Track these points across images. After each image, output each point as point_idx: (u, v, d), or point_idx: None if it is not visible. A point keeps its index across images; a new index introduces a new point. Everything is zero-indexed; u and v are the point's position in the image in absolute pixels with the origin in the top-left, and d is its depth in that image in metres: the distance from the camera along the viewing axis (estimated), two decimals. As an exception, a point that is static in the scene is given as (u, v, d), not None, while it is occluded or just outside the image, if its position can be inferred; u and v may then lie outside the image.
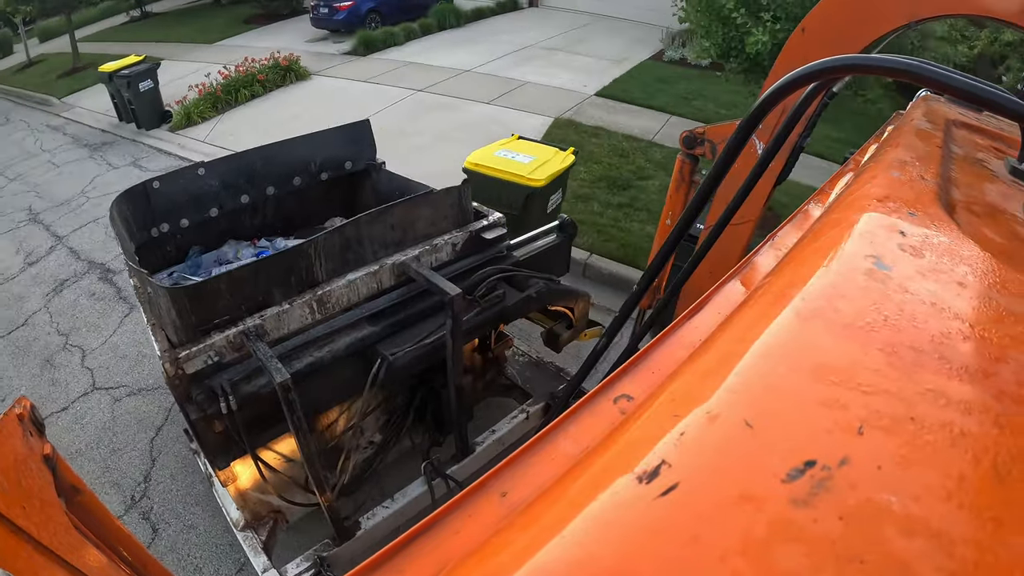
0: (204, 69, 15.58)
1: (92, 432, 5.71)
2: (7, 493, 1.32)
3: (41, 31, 26.44)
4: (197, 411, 2.85)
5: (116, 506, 4.87)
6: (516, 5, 21.39)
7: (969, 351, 0.64)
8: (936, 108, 1.59)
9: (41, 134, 14.79)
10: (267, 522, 3.55)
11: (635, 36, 16.91)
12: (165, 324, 3.05)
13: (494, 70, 14.54)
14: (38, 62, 22.09)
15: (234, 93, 14.05)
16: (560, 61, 15.04)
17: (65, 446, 5.46)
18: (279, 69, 15.08)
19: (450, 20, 19.23)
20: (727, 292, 1.18)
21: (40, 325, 7.52)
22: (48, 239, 9.53)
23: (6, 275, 8.84)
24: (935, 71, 0.92)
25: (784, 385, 0.62)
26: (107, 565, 1.62)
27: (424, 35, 18.43)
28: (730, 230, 1.93)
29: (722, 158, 1.40)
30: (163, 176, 4.18)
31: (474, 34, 18.43)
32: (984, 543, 0.44)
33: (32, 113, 16.86)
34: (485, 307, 3.59)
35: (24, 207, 10.80)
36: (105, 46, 21.92)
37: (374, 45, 17.33)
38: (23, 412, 1.55)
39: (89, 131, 14.26)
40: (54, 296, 8.02)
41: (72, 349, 6.94)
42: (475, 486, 0.81)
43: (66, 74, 19.23)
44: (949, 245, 0.84)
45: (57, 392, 6.32)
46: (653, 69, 14.32)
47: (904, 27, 3.14)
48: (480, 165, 6.27)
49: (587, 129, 10.70)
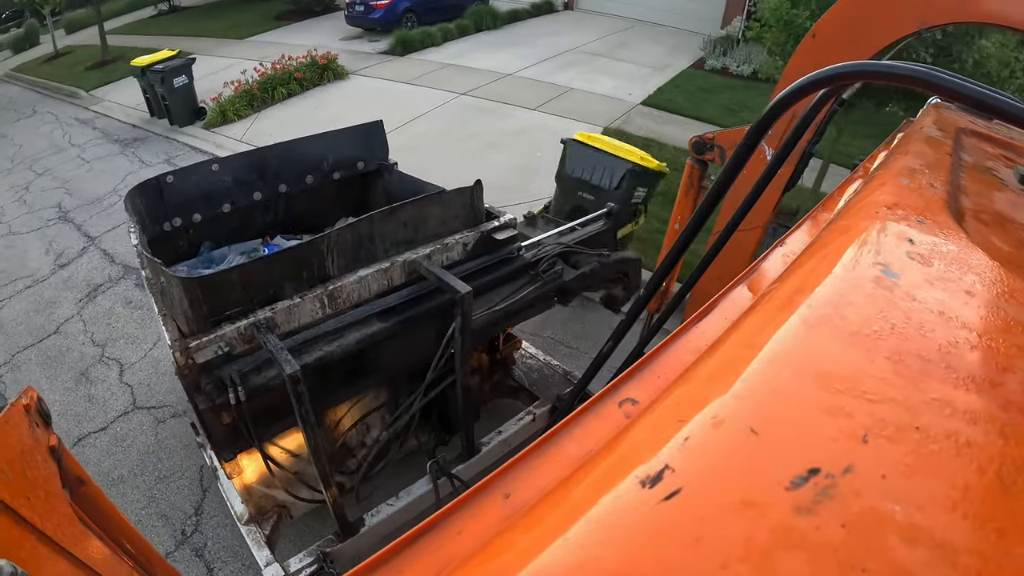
0: (236, 65, 15.36)
1: (135, 457, 5.30)
2: (12, 484, 1.33)
3: (67, 22, 26.52)
4: (206, 401, 2.86)
5: (165, 541, 4.54)
6: (551, 7, 21.16)
7: (976, 361, 0.64)
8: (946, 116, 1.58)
9: (70, 127, 14.48)
10: (271, 516, 3.56)
11: (674, 43, 16.71)
12: (177, 314, 3.07)
13: (537, 75, 14.32)
14: (65, 54, 21.98)
15: (271, 91, 13.77)
16: (602, 67, 14.76)
17: (105, 471, 5.16)
18: (316, 67, 14.77)
19: (487, 22, 19.02)
20: (734, 297, 1.18)
21: (73, 334, 7.10)
22: (79, 239, 9.14)
23: (36, 277, 8.42)
24: (945, 78, 0.92)
25: (789, 392, 0.61)
26: (110, 557, 1.63)
27: (461, 36, 18.24)
28: (738, 235, 1.92)
29: (731, 163, 1.40)
30: (176, 171, 4.21)
31: (512, 37, 18.22)
32: (987, 553, 0.44)
33: (60, 105, 16.60)
34: (546, 281, 3.78)
35: (54, 204, 10.44)
36: (133, 39, 21.80)
37: (412, 45, 17.11)
38: (29, 403, 1.56)
39: (120, 126, 13.96)
40: (87, 303, 7.61)
41: (109, 362, 6.53)
42: (478, 487, 0.82)
43: (95, 66, 19.06)
44: (958, 254, 0.84)
45: (94, 410, 5.91)
46: (696, 78, 14.11)
47: (914, 34, 3.14)
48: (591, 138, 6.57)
49: (637, 141, 10.10)
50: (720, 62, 14.81)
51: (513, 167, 9.33)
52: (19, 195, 11.11)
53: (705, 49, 15.50)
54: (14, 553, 1.15)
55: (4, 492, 1.28)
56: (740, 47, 15.11)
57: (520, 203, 8.22)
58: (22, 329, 7.32)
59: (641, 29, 18.44)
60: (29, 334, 7.21)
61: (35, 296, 7.94)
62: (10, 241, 9.51)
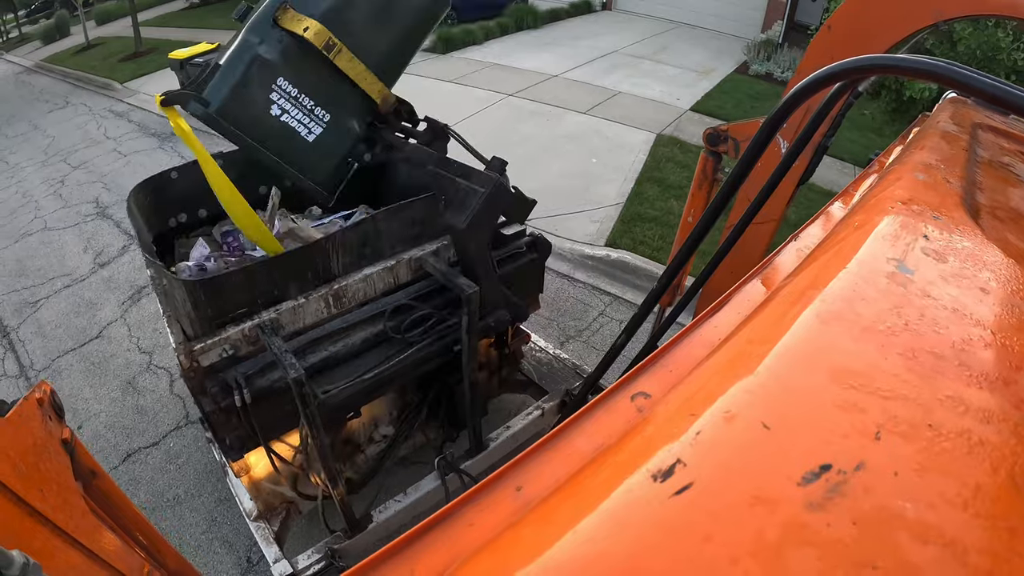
0: None
1: (191, 475, 4.91)
2: (26, 476, 1.34)
3: (98, 13, 26.62)
4: (211, 403, 2.87)
5: (229, 569, 4.23)
6: (590, 7, 20.80)
7: (990, 358, 0.64)
8: (963, 111, 1.57)
9: (104, 119, 14.16)
10: (280, 512, 3.58)
11: (716, 47, 16.40)
12: (181, 316, 3.07)
13: (583, 77, 13.89)
14: (96, 45, 21.91)
15: None
16: (647, 70, 14.36)
17: (160, 491, 4.83)
18: None
19: (528, 21, 18.65)
20: (748, 292, 1.18)
21: (117, 339, 6.69)
22: (119, 237, 8.73)
23: (75, 276, 7.99)
24: (961, 73, 0.91)
25: (802, 387, 0.61)
26: (122, 549, 1.65)
27: (502, 35, 17.87)
28: (752, 229, 1.92)
29: (746, 156, 1.39)
30: (181, 166, 4.21)
31: (553, 36, 17.81)
32: (999, 553, 0.44)
33: (93, 97, 16.34)
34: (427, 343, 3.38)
35: (91, 199, 10.04)
36: (165, 31, 21.65)
37: (453, 43, 16.61)
38: (43, 397, 1.57)
39: (156, 120, 13.47)
40: (131, 305, 7.20)
41: (158, 371, 6.10)
42: (490, 480, 0.82)
43: (127, 58, 18.90)
44: (973, 250, 0.83)
45: (144, 423, 5.50)
46: (741, 84, 13.81)
47: (932, 27, 3.10)
48: None
49: (692, 148, 9.78)
50: (764, 67, 14.51)
51: (570, 173, 9.04)
52: (54, 189, 10.79)
53: (749, 54, 15.22)
54: (27, 544, 1.17)
55: (18, 484, 1.29)
56: (783, 52, 14.89)
57: (581, 211, 8.11)
58: (62, 332, 6.96)
59: (681, 32, 18.05)
60: (70, 337, 6.83)
61: (75, 296, 7.57)
62: (47, 237, 9.15)
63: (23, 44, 27.15)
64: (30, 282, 8.04)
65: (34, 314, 7.35)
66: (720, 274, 1.97)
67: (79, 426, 5.45)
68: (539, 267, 4.09)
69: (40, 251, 8.76)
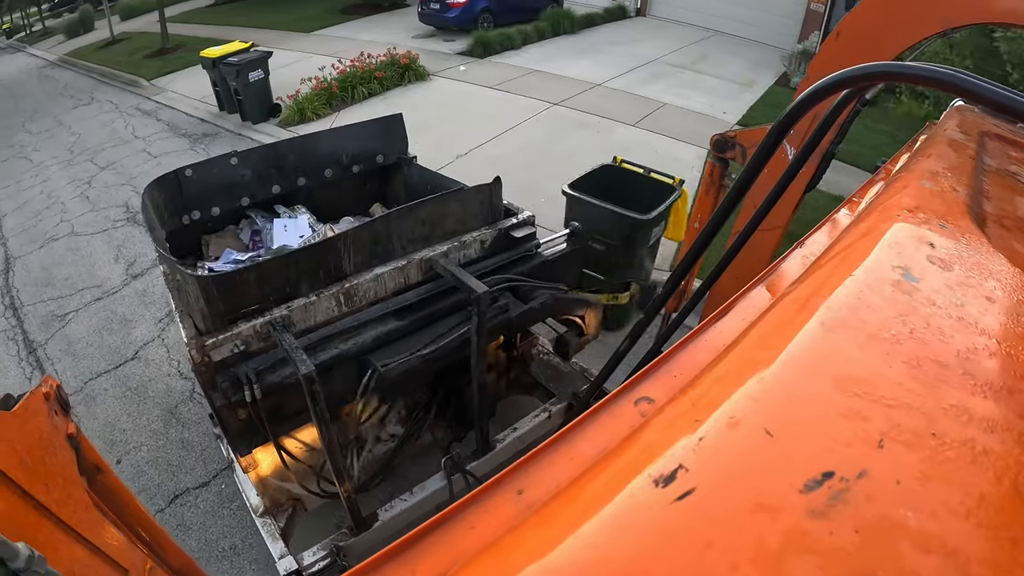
0: (305, 60, 14.72)
1: (249, 522, 4.27)
2: (31, 470, 1.35)
3: (122, 8, 26.46)
4: (221, 398, 2.89)
5: None
6: (624, 13, 20.51)
7: (995, 368, 0.63)
8: (970, 119, 1.56)
9: (132, 118, 13.66)
10: (286, 509, 3.59)
11: (754, 57, 16.11)
12: (193, 312, 3.10)
13: (625, 86, 13.53)
14: (121, 40, 21.60)
15: (350, 90, 12.80)
16: (689, 81, 13.98)
17: (213, 539, 4.35)
18: (397, 67, 13.72)
19: (565, 25, 18.31)
20: (753, 298, 1.18)
21: (156, 362, 6.09)
22: (153, 245, 7.73)
23: (106, 287, 7.40)
24: (969, 81, 0.91)
25: (806, 394, 0.61)
26: (125, 544, 1.65)
27: (540, 39, 17.52)
28: (758, 236, 1.91)
29: (752, 162, 1.39)
30: (195, 164, 4.23)
31: (590, 43, 17.41)
32: (1001, 563, 0.44)
33: (120, 94, 15.91)
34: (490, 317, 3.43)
35: (120, 202, 9.53)
36: (192, 28, 21.40)
37: (491, 47, 16.19)
38: (49, 391, 1.58)
39: (187, 119, 13.14)
40: (169, 323, 6.58)
41: (203, 401, 5.23)
42: (491, 483, 0.82)
43: (154, 55, 18.56)
44: (979, 259, 0.83)
45: (191, 459, 4.98)
46: (783, 97, 13.40)
47: (939, 34, 3.10)
48: None
49: None
50: None
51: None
52: (81, 190, 10.23)
53: (788, 66, 14.93)
54: (31, 537, 1.17)
55: (23, 478, 1.30)
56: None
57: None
58: (93, 351, 6.37)
59: (717, 41, 17.73)
60: (103, 358, 6.24)
61: (106, 311, 6.97)
62: (74, 243, 8.58)
63: (46, 38, 27.04)
64: (57, 292, 7.53)
65: (63, 329, 6.84)
66: (726, 279, 1.97)
67: (118, 460, 4.99)
68: (577, 257, 4.18)
69: (67, 258, 8.25)
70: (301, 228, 4.50)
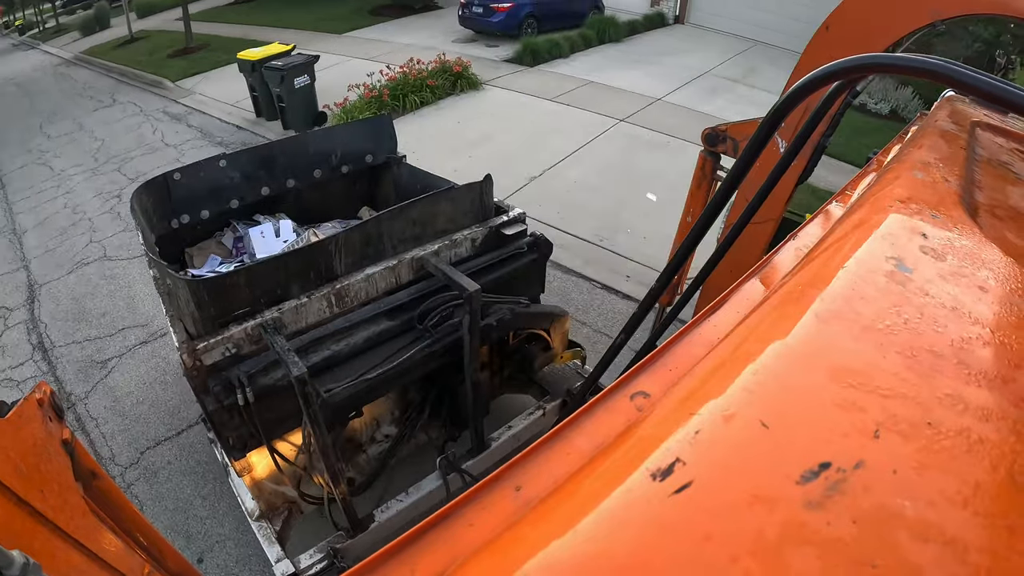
0: (340, 64, 14.07)
1: None
2: (26, 477, 1.34)
3: (139, 6, 25.82)
4: (214, 402, 2.89)
5: None
6: (663, 20, 20.04)
7: (989, 357, 0.64)
8: (961, 109, 1.57)
9: (160, 122, 12.73)
10: (282, 512, 3.58)
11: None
12: (184, 316, 3.10)
13: (686, 102, 12.81)
14: (140, 38, 20.93)
15: (402, 99, 11.89)
16: (744, 95, 13.49)
17: None
18: (449, 75, 12.86)
19: (610, 33, 17.76)
20: (746, 291, 1.18)
21: None
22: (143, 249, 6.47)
23: (152, 328, 6.37)
24: (960, 71, 0.91)
25: (801, 386, 0.61)
26: (122, 549, 1.65)
27: (586, 47, 16.97)
28: (751, 228, 1.92)
29: (745, 155, 1.39)
30: (184, 167, 4.22)
31: (636, 52, 16.68)
32: (998, 551, 0.44)
33: (143, 95, 14.98)
34: (436, 338, 3.37)
35: None
36: (214, 27, 20.79)
37: (540, 55, 15.47)
38: (43, 397, 1.57)
39: (220, 126, 12.24)
40: None
41: None
42: (489, 479, 0.82)
43: (177, 54, 17.81)
44: (971, 248, 0.83)
45: None
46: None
47: (929, 26, 3.11)
48: None
49: (822, 194, 7.82)
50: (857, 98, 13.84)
51: (715, 220, 8.29)
52: (110, 205, 9.24)
53: None
54: (28, 544, 1.17)
55: (18, 485, 1.29)
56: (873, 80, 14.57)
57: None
58: (147, 410, 5.33)
59: (760, 51, 17.21)
60: (160, 420, 5.22)
61: (156, 357, 5.87)
62: (107, 269, 7.55)
63: (60, 35, 26.44)
64: (94, 332, 6.49)
65: (104, 379, 5.77)
66: (720, 273, 1.98)
67: (199, 559, 4.17)
68: (540, 267, 4.07)
69: (102, 288, 7.22)
70: (285, 233, 4.49)
